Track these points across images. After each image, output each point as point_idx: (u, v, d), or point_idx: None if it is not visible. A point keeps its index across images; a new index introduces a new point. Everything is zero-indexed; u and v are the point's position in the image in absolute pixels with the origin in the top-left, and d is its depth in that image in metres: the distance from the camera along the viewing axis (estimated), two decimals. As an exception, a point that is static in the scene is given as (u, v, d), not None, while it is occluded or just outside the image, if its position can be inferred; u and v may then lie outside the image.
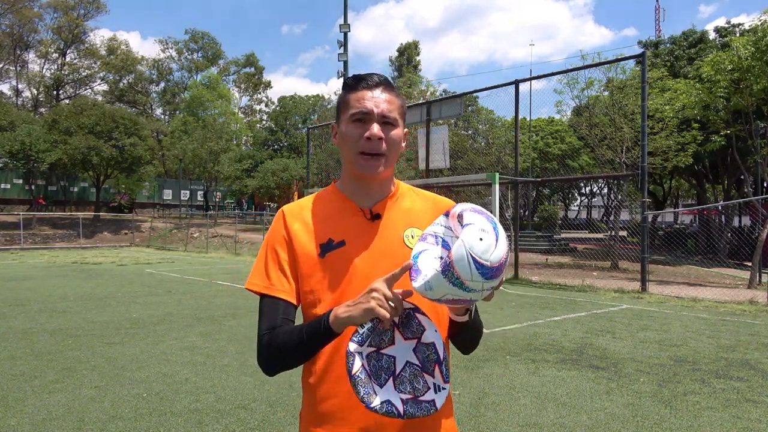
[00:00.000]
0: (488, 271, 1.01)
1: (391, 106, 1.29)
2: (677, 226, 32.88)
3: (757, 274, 12.60)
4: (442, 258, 1.08)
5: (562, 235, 29.30)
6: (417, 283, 1.07)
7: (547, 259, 19.73)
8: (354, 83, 1.30)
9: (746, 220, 25.95)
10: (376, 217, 1.31)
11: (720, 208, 21.76)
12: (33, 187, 33.94)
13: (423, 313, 1.15)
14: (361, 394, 1.06)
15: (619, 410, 4.17)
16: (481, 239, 1.02)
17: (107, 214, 34.99)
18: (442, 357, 1.12)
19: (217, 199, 45.12)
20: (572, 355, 5.89)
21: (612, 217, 25.10)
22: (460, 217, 1.09)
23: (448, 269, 1.01)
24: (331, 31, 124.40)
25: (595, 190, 47.03)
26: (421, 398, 1.10)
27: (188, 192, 45.03)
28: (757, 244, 12.24)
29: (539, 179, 19.92)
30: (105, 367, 5.18)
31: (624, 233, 20.37)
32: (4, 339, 6.37)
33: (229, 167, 36.72)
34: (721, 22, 49.01)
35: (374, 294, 1.09)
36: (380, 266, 1.24)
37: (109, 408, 4.09)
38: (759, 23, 13.03)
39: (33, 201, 33.47)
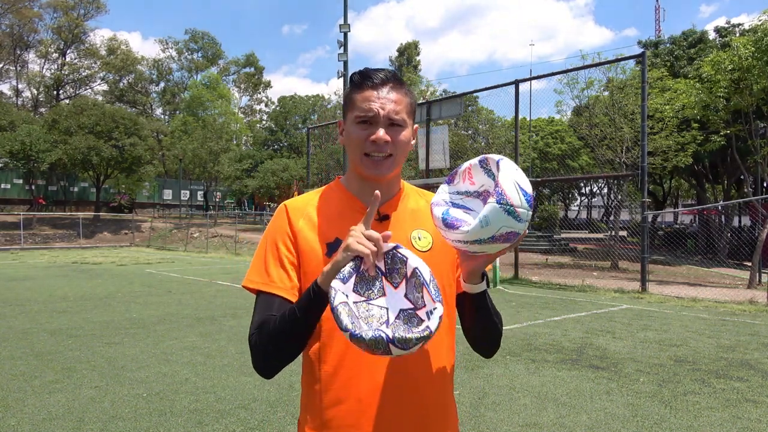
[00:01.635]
0: (530, 199, 1.09)
1: (398, 106, 1.22)
2: (677, 226, 32.88)
3: (757, 274, 12.59)
4: (491, 193, 1.11)
5: (562, 235, 29.29)
6: (467, 227, 1.10)
7: (547, 259, 19.73)
8: (360, 80, 1.24)
9: (746, 220, 25.96)
10: (384, 218, 1.27)
11: (720, 208, 21.76)
12: (33, 187, 33.93)
13: (403, 248, 1.13)
14: (344, 323, 1.00)
15: (619, 410, 4.17)
16: (517, 169, 1.11)
17: (107, 214, 35.00)
18: (428, 279, 1.08)
19: (217, 199, 45.13)
20: (572, 355, 5.89)
21: (612, 217, 25.10)
22: (483, 161, 1.17)
23: (502, 198, 1.06)
24: (332, 31, 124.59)
25: (595, 190, 47.04)
26: (414, 328, 1.06)
27: (188, 192, 45.05)
28: (757, 244, 12.24)
29: (539, 179, 19.86)
30: (105, 367, 5.18)
31: (624, 233, 20.37)
32: (4, 339, 6.37)
33: (229, 167, 36.72)
34: (721, 22, 49.01)
35: (352, 233, 1.08)
36: None
37: (109, 408, 4.09)
38: (759, 23, 13.02)
39: (33, 201, 33.47)
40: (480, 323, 1.25)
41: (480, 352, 1.32)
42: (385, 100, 1.21)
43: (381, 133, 1.20)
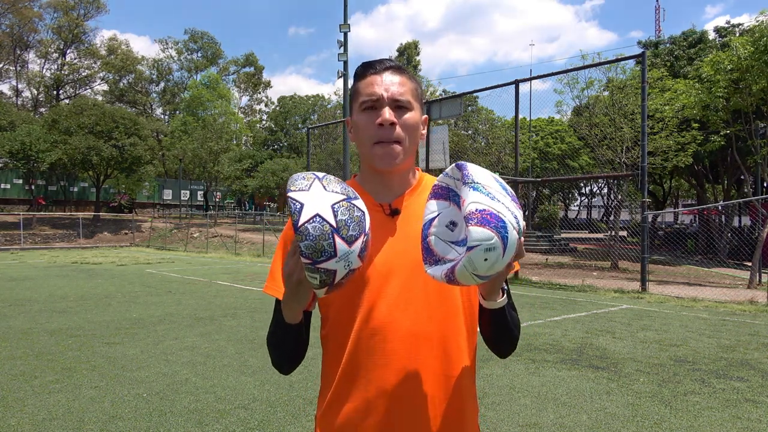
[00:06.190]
0: (493, 270, 0.94)
1: (402, 88, 1.19)
2: (677, 226, 32.88)
3: (757, 274, 12.59)
4: (448, 263, 0.98)
5: (562, 235, 29.29)
6: (432, 270, 1.03)
7: (547, 259, 19.72)
8: (362, 70, 1.22)
9: (746, 220, 25.97)
10: (395, 212, 1.23)
11: (720, 208, 21.77)
12: (33, 187, 33.94)
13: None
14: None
15: (619, 410, 4.17)
16: (485, 259, 0.91)
17: (107, 214, 35.01)
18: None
19: (217, 199, 45.13)
20: (572, 355, 5.89)
21: (612, 217, 25.10)
22: (469, 216, 0.93)
23: (452, 280, 0.97)
24: (338, 33, 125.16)
25: (595, 190, 47.05)
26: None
27: (188, 192, 45.05)
28: (757, 244, 12.24)
29: (539, 179, 19.90)
30: (105, 367, 5.18)
31: (624, 233, 20.37)
32: (4, 339, 6.37)
33: (229, 167, 36.74)
34: (721, 21, 49.02)
35: (284, 266, 1.03)
36: (399, 264, 1.18)
37: (109, 408, 4.09)
38: (757, 23, 13.03)
39: (33, 201, 33.47)
40: (498, 333, 1.22)
41: (496, 353, 1.29)
42: (388, 82, 1.19)
43: (387, 114, 1.16)
